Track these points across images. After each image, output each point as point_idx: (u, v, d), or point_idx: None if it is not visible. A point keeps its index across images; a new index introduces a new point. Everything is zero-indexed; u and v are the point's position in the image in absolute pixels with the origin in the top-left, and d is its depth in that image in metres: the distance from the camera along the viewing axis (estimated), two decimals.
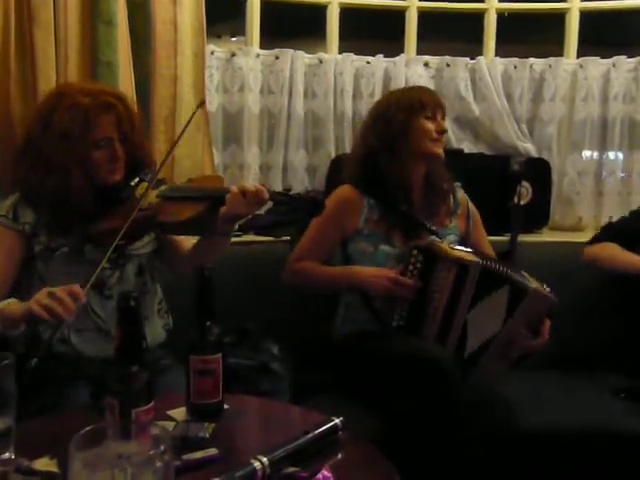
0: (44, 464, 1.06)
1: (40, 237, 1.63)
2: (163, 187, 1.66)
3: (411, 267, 1.83)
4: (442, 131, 1.99)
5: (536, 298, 1.84)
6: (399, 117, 1.97)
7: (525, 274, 1.90)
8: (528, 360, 1.92)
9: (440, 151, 2.00)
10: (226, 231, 1.63)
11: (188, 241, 1.80)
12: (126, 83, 2.08)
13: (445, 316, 1.83)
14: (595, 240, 2.28)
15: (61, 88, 1.75)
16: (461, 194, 2.14)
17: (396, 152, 1.97)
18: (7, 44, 1.95)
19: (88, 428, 0.79)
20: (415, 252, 1.84)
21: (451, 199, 2.10)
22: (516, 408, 1.92)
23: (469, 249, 1.94)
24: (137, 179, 1.67)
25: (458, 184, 2.13)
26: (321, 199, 1.53)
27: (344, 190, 2.01)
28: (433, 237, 1.94)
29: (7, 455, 1.06)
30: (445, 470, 1.70)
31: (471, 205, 2.15)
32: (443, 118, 2.03)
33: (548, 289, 1.88)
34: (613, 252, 2.19)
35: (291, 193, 1.54)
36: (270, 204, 1.51)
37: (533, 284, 1.85)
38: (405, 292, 1.82)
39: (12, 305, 1.49)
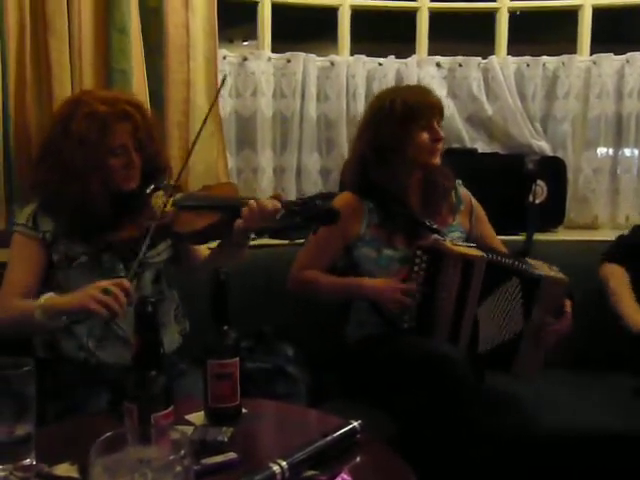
0: (65, 470, 1.07)
1: (59, 246, 1.64)
2: (178, 195, 1.66)
3: (416, 268, 1.82)
4: (438, 139, 1.91)
5: (550, 284, 1.83)
6: (390, 128, 1.89)
7: (531, 262, 1.89)
8: (562, 345, 1.90)
9: (437, 161, 1.93)
10: (241, 242, 1.63)
11: (204, 248, 1.81)
12: (140, 90, 2.10)
13: (455, 314, 1.81)
14: (608, 256, 2.24)
15: (79, 95, 1.76)
16: (463, 191, 2.10)
17: (386, 163, 1.92)
18: (23, 52, 1.97)
19: (108, 434, 0.79)
20: (419, 253, 1.82)
21: (453, 196, 2.07)
22: (533, 409, 1.92)
23: (473, 244, 1.93)
24: (152, 186, 1.68)
25: (459, 181, 2.10)
26: (337, 210, 1.53)
27: (343, 198, 1.98)
28: (436, 236, 1.91)
29: (28, 461, 1.06)
30: (461, 472, 1.69)
31: (474, 201, 2.11)
32: (440, 122, 1.93)
33: (556, 268, 1.86)
34: (617, 289, 2.15)
35: (307, 201, 1.53)
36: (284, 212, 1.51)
37: (543, 271, 1.84)
38: (412, 298, 1.81)
39: (54, 299, 1.49)
